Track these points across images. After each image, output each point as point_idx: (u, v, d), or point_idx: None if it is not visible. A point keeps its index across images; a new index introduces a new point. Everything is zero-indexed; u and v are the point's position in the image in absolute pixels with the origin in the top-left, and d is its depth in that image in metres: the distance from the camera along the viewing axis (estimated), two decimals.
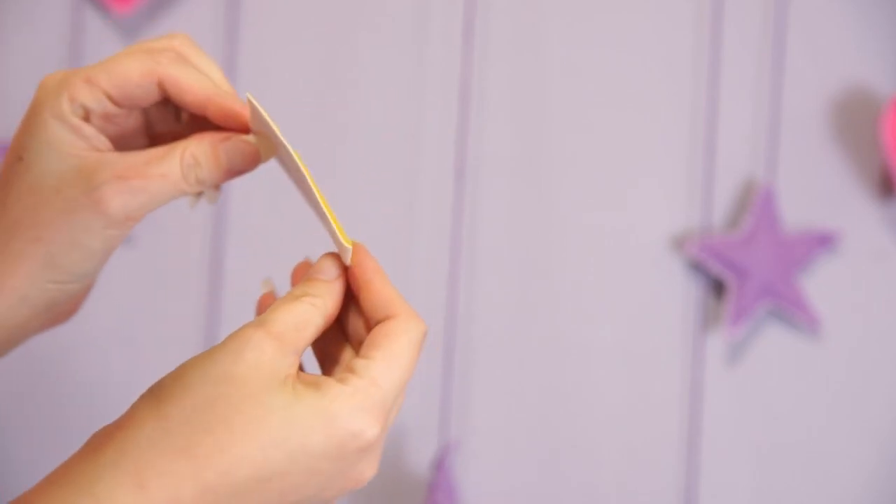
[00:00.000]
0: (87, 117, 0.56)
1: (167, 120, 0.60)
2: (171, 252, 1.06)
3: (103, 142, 0.56)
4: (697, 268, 1.05)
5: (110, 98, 0.56)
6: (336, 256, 0.55)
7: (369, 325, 0.53)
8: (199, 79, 0.56)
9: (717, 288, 1.05)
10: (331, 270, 0.54)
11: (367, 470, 0.50)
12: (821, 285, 1.04)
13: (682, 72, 1.06)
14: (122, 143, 0.58)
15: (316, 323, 0.51)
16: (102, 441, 0.47)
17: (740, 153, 1.05)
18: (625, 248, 1.06)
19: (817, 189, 1.05)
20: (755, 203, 1.03)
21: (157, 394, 0.48)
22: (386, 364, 0.50)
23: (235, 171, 0.57)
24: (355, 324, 0.54)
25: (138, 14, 1.09)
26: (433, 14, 1.07)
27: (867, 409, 1.04)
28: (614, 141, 1.06)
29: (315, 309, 0.51)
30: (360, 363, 0.50)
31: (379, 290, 0.53)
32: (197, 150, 0.55)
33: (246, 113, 0.57)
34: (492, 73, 1.06)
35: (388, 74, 1.07)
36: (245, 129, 0.57)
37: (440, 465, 1.03)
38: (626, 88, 1.06)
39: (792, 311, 1.03)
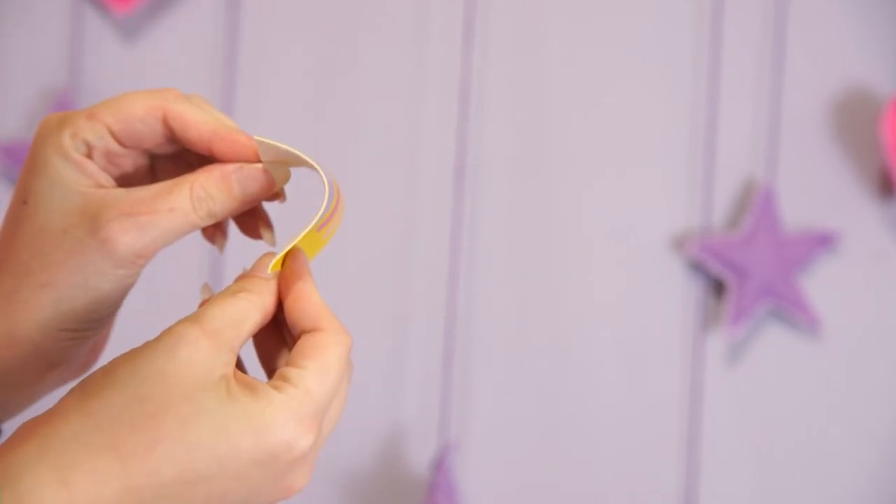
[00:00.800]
0: (89, 154, 0.54)
1: (173, 170, 0.58)
2: (171, 252, 1.06)
3: (107, 178, 0.54)
4: (697, 268, 1.05)
5: (113, 134, 0.54)
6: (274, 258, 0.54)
7: (295, 334, 0.51)
8: (205, 115, 0.54)
9: (717, 288, 1.05)
10: (268, 269, 0.53)
11: (299, 480, 0.48)
12: (821, 285, 1.04)
13: (682, 72, 1.06)
14: (126, 187, 0.56)
15: (253, 319, 0.50)
16: (26, 435, 0.45)
17: (740, 153, 1.05)
18: (625, 248, 1.06)
19: (817, 189, 1.05)
20: (755, 203, 1.03)
21: (85, 389, 0.46)
22: (319, 375, 0.48)
23: (250, 199, 0.55)
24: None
25: (138, 14, 1.09)
26: (433, 14, 1.07)
27: (867, 409, 1.04)
28: (614, 141, 1.06)
29: (252, 305, 0.50)
30: (292, 372, 0.48)
31: (307, 298, 0.51)
32: (207, 182, 0.53)
33: (253, 146, 0.55)
34: (492, 73, 1.06)
35: (388, 74, 1.07)
36: (254, 161, 0.55)
37: (440, 465, 1.03)
38: (626, 88, 1.06)
39: (792, 311, 1.03)
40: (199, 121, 0.54)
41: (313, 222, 0.54)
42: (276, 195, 0.57)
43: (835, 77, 1.05)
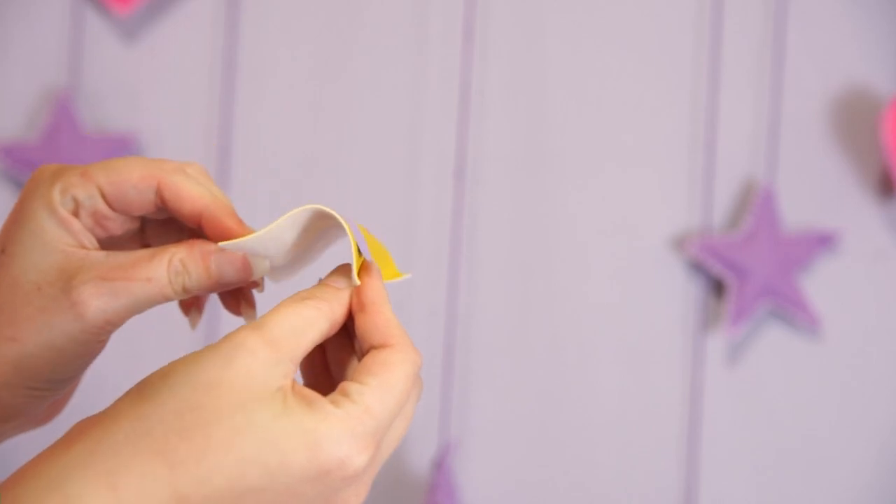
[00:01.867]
0: (76, 212, 0.53)
1: (163, 234, 0.57)
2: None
3: (90, 240, 0.53)
4: (697, 268, 1.05)
5: (104, 196, 0.53)
6: (350, 268, 0.52)
7: (363, 349, 0.50)
8: (199, 190, 0.53)
9: (717, 288, 1.05)
10: (343, 280, 0.52)
11: (352, 499, 0.47)
12: (821, 285, 1.04)
13: (682, 72, 1.06)
14: (114, 248, 0.56)
15: (319, 328, 0.49)
16: (77, 436, 0.45)
17: (740, 153, 1.05)
18: (625, 248, 1.06)
19: (817, 189, 1.05)
20: (755, 203, 1.03)
21: (142, 391, 0.46)
22: (381, 392, 0.47)
23: (226, 283, 0.53)
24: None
25: (138, 14, 1.09)
26: (433, 14, 1.07)
27: (867, 409, 1.04)
28: (614, 141, 1.06)
29: (319, 314, 0.48)
30: (354, 387, 0.47)
31: (379, 312, 0.50)
32: (186, 258, 0.52)
33: (240, 231, 0.53)
34: (492, 73, 1.06)
35: (388, 74, 1.07)
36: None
37: (440, 465, 1.03)
38: (626, 88, 1.06)
39: (792, 311, 1.03)
40: (193, 195, 0.53)
41: (357, 245, 0.53)
42: (254, 283, 0.55)
43: (835, 77, 1.05)
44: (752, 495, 1.04)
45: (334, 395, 0.47)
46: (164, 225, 0.57)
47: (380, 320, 0.50)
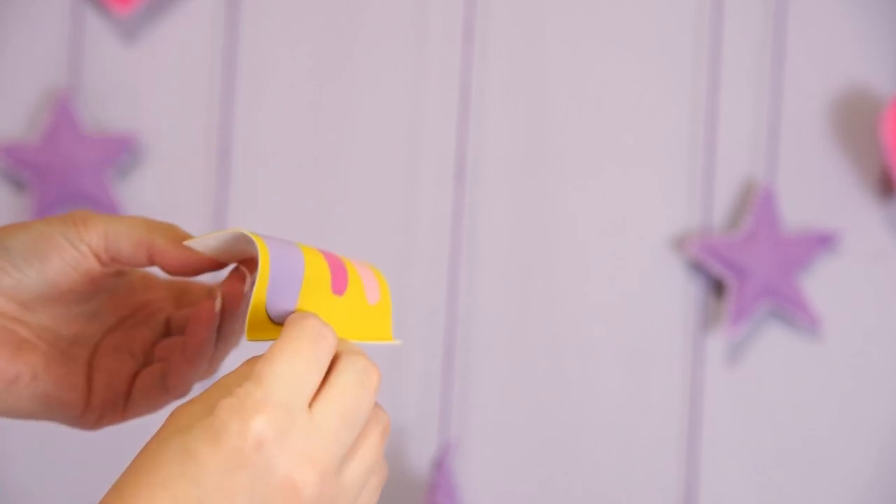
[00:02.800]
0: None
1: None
2: None
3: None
4: (697, 268, 1.05)
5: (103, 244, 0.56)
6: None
7: None
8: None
9: (717, 288, 1.05)
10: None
11: (289, 467, 0.46)
12: (821, 285, 1.04)
13: (682, 72, 1.06)
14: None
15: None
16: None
17: (740, 153, 1.05)
18: (625, 248, 1.06)
19: (817, 189, 1.05)
20: (755, 203, 1.03)
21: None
22: (263, 362, 0.47)
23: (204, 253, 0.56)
24: None
25: (138, 14, 1.09)
26: (433, 14, 1.07)
27: (867, 409, 1.04)
28: (614, 141, 1.06)
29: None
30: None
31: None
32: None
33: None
34: (492, 73, 1.06)
35: (388, 74, 1.07)
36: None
37: (440, 464, 1.03)
38: (626, 88, 1.06)
39: (792, 311, 1.03)
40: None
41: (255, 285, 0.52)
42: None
43: (835, 77, 1.05)
44: (752, 495, 1.04)
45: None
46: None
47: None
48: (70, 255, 0.54)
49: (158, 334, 0.60)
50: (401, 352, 1.06)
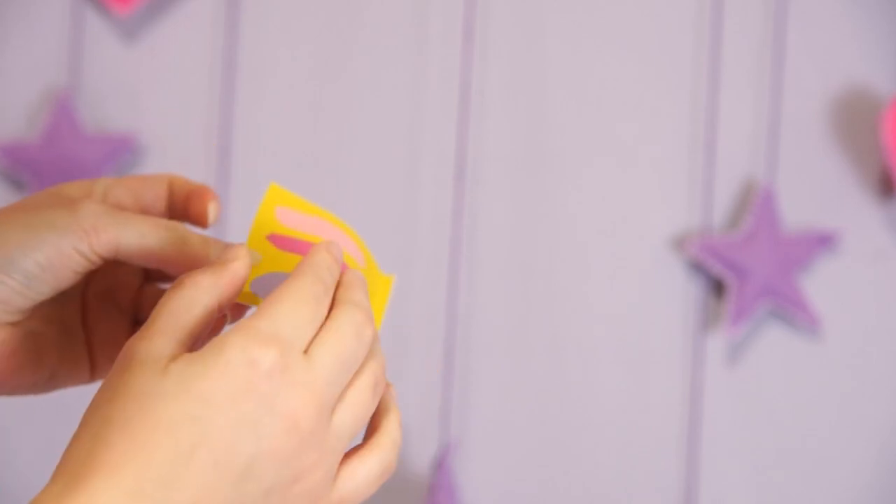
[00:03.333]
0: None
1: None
2: None
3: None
4: (697, 268, 1.05)
5: (129, 187, 0.56)
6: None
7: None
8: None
9: (717, 288, 1.05)
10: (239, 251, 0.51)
11: (293, 402, 0.46)
12: (821, 285, 1.04)
13: (682, 72, 1.06)
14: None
15: (203, 303, 0.48)
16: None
17: (740, 153, 1.05)
18: (625, 249, 1.06)
19: (817, 189, 1.05)
20: (755, 203, 1.03)
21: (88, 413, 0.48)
22: (270, 303, 0.47)
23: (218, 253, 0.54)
24: None
25: (138, 14, 1.09)
26: (433, 14, 1.07)
27: (867, 409, 1.04)
28: (614, 141, 1.06)
29: (200, 291, 0.49)
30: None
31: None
32: (186, 227, 0.55)
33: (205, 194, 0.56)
34: (492, 73, 1.06)
35: (388, 74, 1.07)
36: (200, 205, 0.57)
37: (440, 465, 1.03)
38: (626, 88, 1.06)
39: (792, 311, 1.03)
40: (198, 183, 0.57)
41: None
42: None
43: (835, 77, 1.05)
44: (752, 495, 1.04)
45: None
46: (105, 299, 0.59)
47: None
48: (82, 266, 0.53)
49: (139, 277, 0.59)
50: (401, 351, 1.06)
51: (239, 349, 0.45)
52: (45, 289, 0.53)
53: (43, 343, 0.56)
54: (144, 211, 0.56)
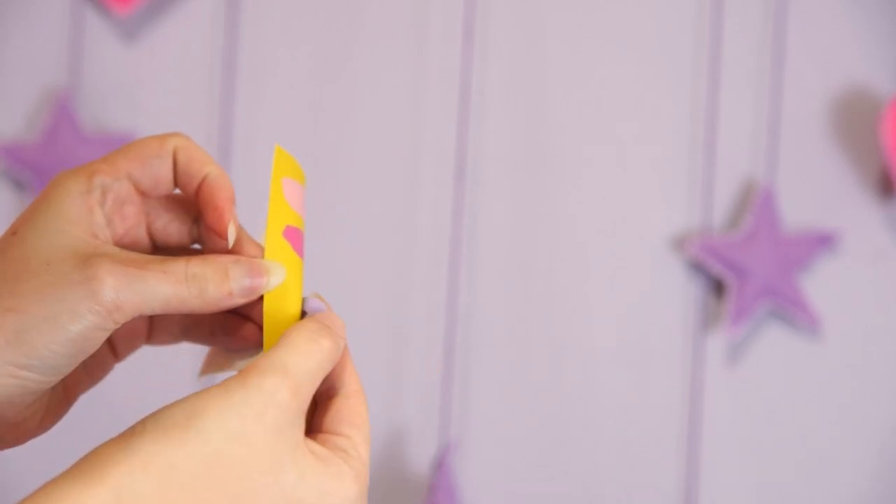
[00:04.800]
0: (102, 200, 0.52)
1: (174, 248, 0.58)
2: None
3: (107, 235, 0.53)
4: (697, 268, 1.05)
5: (130, 176, 0.54)
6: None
7: (322, 387, 0.51)
8: (209, 156, 0.55)
9: (717, 288, 1.05)
10: (341, 324, 0.52)
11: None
12: (821, 285, 1.04)
13: (682, 72, 1.06)
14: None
15: (327, 371, 0.49)
16: (100, 473, 0.43)
17: (740, 153, 1.05)
18: (625, 249, 1.06)
19: (817, 189, 1.05)
20: (755, 203, 1.03)
21: (168, 432, 0.44)
22: (366, 444, 0.49)
23: (240, 290, 0.52)
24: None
25: (138, 14, 1.09)
26: (433, 14, 1.07)
27: (867, 409, 1.04)
28: (614, 141, 1.06)
29: (332, 357, 0.49)
30: (345, 442, 0.49)
31: (349, 356, 0.52)
32: (203, 262, 0.52)
33: (227, 212, 0.55)
34: (492, 73, 1.06)
35: (388, 74, 1.07)
36: (219, 224, 0.55)
37: (440, 465, 1.03)
38: (626, 88, 1.06)
39: (792, 311, 1.03)
40: (204, 156, 0.55)
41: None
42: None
43: (835, 77, 1.05)
44: (752, 495, 1.04)
45: (335, 451, 0.48)
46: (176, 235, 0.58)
47: (350, 367, 0.51)
48: (104, 338, 0.50)
49: None
50: (401, 352, 1.06)
51: (353, 500, 0.48)
52: (69, 369, 0.51)
53: (71, 385, 0.55)
54: (147, 194, 0.55)
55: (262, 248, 0.55)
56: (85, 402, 0.58)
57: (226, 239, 0.54)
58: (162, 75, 1.09)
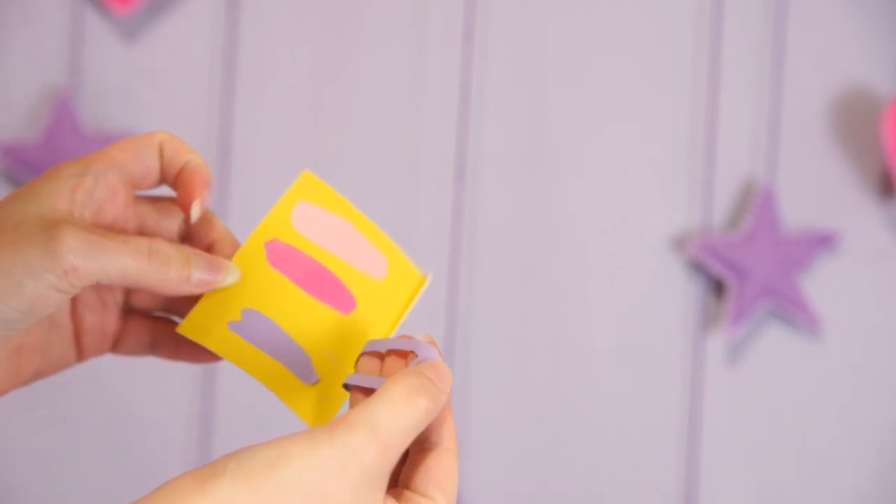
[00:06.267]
0: (94, 186, 0.54)
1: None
2: None
3: (85, 217, 0.54)
4: (697, 268, 1.05)
5: (123, 167, 0.55)
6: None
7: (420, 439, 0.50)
8: (192, 149, 0.56)
9: (717, 288, 1.05)
10: (447, 378, 0.51)
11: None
12: (821, 285, 1.04)
13: (682, 72, 1.06)
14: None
15: (420, 430, 0.48)
16: None
17: (740, 153, 1.05)
18: (625, 249, 1.06)
19: (817, 189, 1.05)
20: (755, 203, 1.03)
21: (248, 481, 0.44)
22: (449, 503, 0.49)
23: (201, 280, 0.54)
24: None
25: (138, 14, 1.09)
26: (433, 14, 1.07)
27: (867, 409, 1.04)
28: (614, 141, 1.06)
29: (428, 418, 0.48)
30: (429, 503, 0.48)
31: (449, 410, 0.51)
32: (166, 243, 0.53)
33: (195, 190, 0.56)
34: (492, 73, 1.07)
35: (388, 74, 1.07)
36: (186, 200, 0.56)
37: None
38: (626, 88, 1.06)
39: (792, 311, 1.03)
40: (189, 148, 0.56)
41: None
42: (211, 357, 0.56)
43: (835, 77, 1.05)
44: (752, 495, 1.04)
45: None
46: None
47: (449, 420, 0.50)
48: (61, 301, 0.51)
49: None
50: None
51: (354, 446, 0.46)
52: (23, 326, 0.51)
53: (25, 356, 0.55)
54: (138, 186, 0.56)
55: (238, 247, 0.56)
56: (85, 402, 0.58)
57: (189, 216, 0.55)
58: (162, 75, 1.09)
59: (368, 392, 0.51)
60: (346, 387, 0.52)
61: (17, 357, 0.55)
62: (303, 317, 0.55)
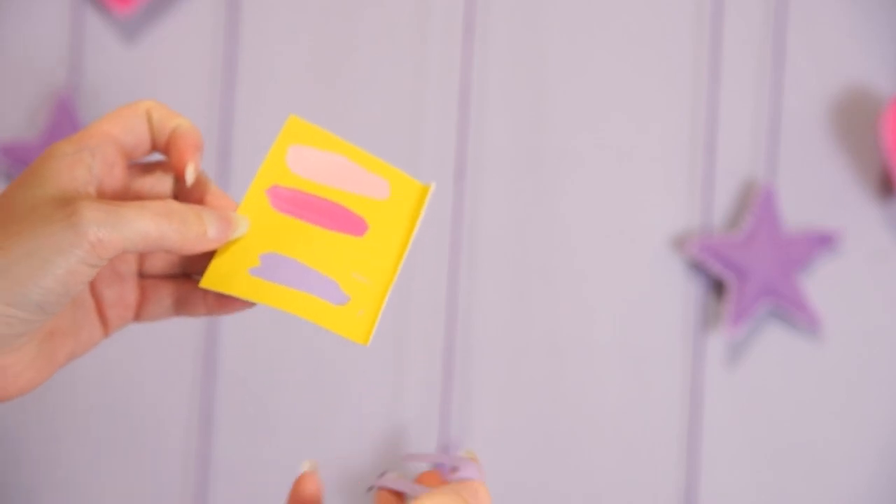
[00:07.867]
0: (91, 162, 0.54)
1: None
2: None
3: (91, 192, 0.55)
4: (697, 268, 1.05)
5: (115, 140, 0.55)
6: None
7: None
8: (179, 114, 0.57)
9: (717, 288, 1.05)
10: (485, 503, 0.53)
11: None
12: (821, 285, 1.04)
13: (682, 71, 1.06)
14: None
15: None
16: None
17: (740, 153, 1.05)
18: (625, 248, 1.06)
19: (817, 189, 1.05)
20: (755, 203, 1.03)
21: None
22: None
23: (217, 232, 0.56)
24: None
25: (138, 14, 1.09)
26: (433, 14, 1.07)
27: (867, 409, 1.04)
28: (614, 141, 1.06)
29: None
30: None
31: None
32: (179, 203, 0.54)
33: (187, 153, 0.57)
34: (492, 73, 1.07)
35: (387, 74, 1.07)
36: (179, 164, 0.57)
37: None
38: (626, 88, 1.06)
39: (792, 311, 1.03)
40: (180, 116, 0.57)
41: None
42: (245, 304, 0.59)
43: (835, 77, 1.05)
44: (753, 495, 1.04)
45: None
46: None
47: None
48: (92, 275, 0.52)
49: None
50: (401, 352, 1.06)
51: None
52: (57, 308, 0.52)
53: (58, 340, 0.56)
54: (130, 156, 0.57)
55: (236, 205, 0.58)
56: (85, 403, 0.58)
57: (184, 180, 0.56)
58: (162, 75, 1.09)
59: (397, 495, 0.53)
60: (372, 488, 0.55)
61: (50, 343, 0.56)
62: (320, 248, 0.57)
